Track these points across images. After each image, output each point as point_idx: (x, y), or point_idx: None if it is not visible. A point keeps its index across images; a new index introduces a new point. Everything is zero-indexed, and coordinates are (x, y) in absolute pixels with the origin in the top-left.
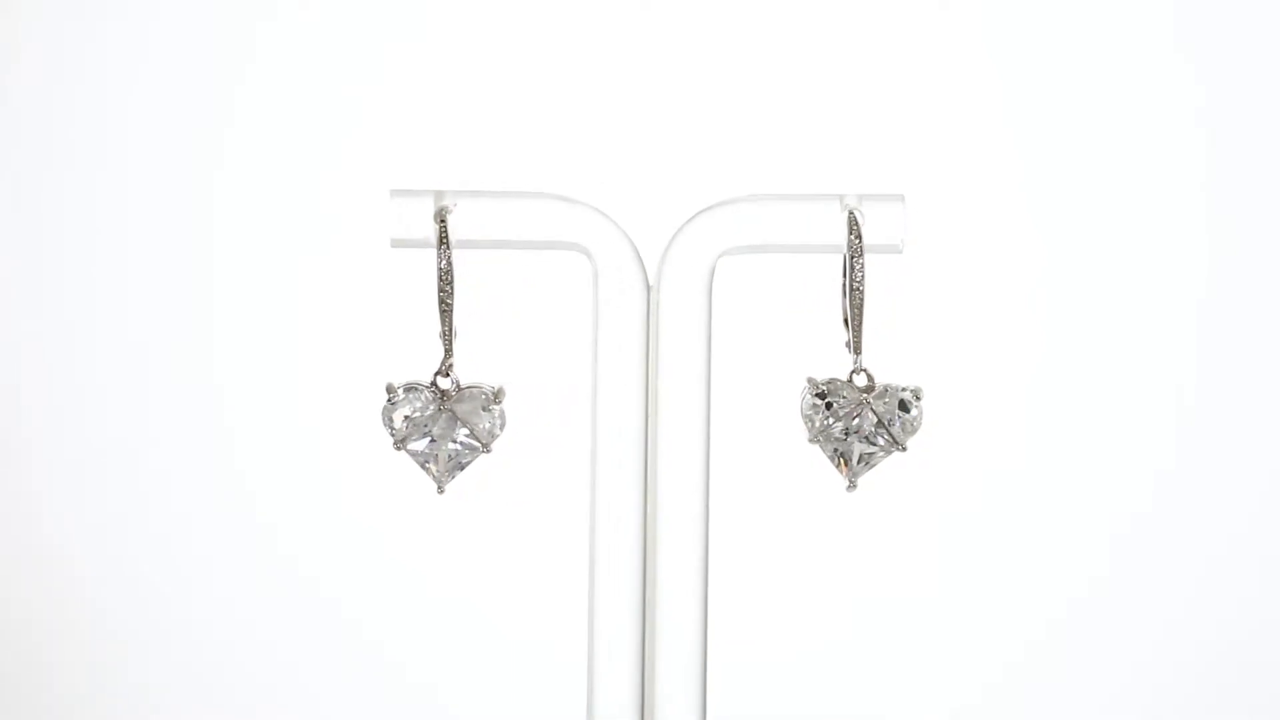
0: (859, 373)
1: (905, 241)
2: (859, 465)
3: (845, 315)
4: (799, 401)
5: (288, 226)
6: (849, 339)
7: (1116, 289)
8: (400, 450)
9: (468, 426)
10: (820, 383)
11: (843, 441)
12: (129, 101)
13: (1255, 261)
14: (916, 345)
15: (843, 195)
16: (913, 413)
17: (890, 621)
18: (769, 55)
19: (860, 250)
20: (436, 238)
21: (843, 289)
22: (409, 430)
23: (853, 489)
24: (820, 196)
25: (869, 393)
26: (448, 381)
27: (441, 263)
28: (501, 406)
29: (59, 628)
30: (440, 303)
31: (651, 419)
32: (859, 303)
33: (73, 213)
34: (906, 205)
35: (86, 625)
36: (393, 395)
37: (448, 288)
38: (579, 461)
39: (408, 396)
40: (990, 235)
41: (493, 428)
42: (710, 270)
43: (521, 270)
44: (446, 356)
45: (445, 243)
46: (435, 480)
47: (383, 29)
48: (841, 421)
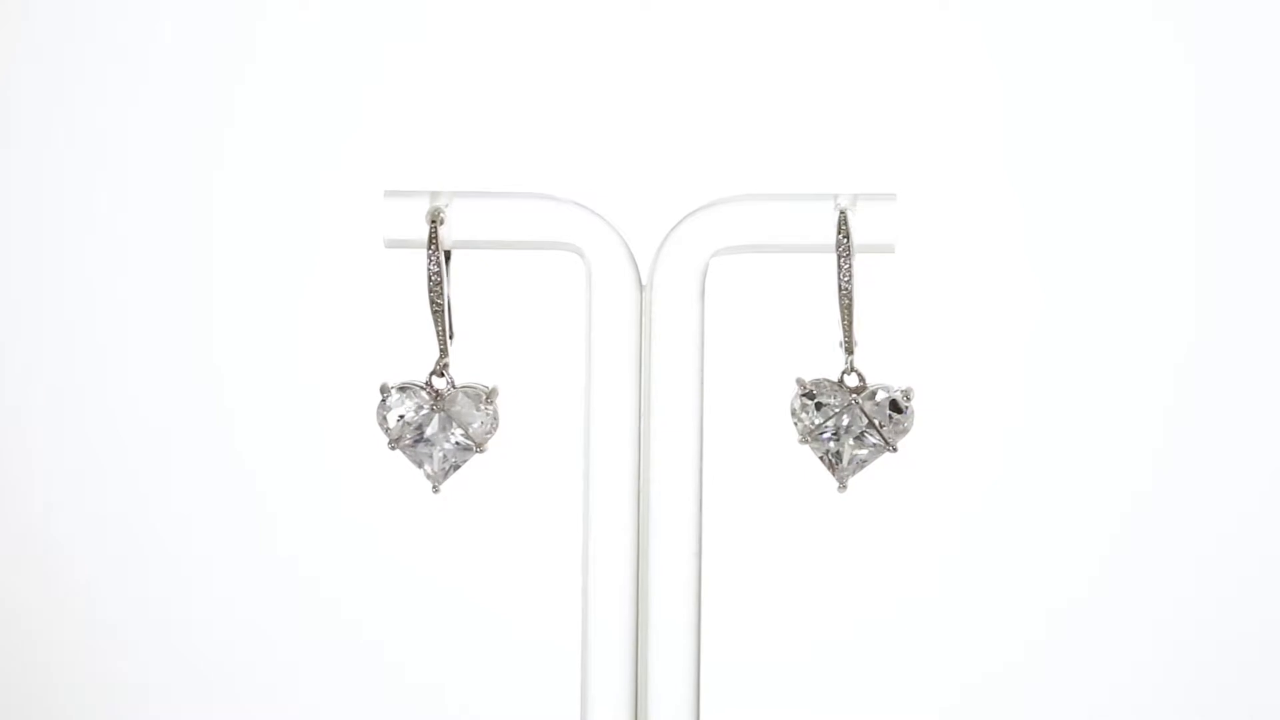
0: (850, 373)
1: (898, 241)
2: (849, 466)
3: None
4: (790, 401)
5: (286, 226)
6: (843, 339)
7: (1110, 288)
8: (395, 450)
9: (461, 427)
10: (808, 383)
11: (833, 442)
12: (128, 101)
13: (1248, 263)
14: (912, 345)
15: (835, 195)
16: (904, 413)
17: (883, 621)
18: (762, 56)
19: (849, 250)
20: (427, 239)
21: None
22: (403, 430)
23: (843, 490)
24: (813, 196)
25: (859, 393)
26: (443, 381)
27: (431, 265)
28: (494, 406)
29: (59, 627)
30: (431, 304)
31: (644, 417)
32: (847, 303)
33: (72, 213)
34: (899, 205)
35: (86, 625)
36: (386, 396)
37: (438, 288)
38: (576, 459)
39: (402, 397)
40: (986, 234)
41: (485, 428)
42: (703, 270)
43: (516, 270)
44: (442, 356)
45: (435, 244)
46: (430, 480)
47: (379, 30)
48: (831, 422)
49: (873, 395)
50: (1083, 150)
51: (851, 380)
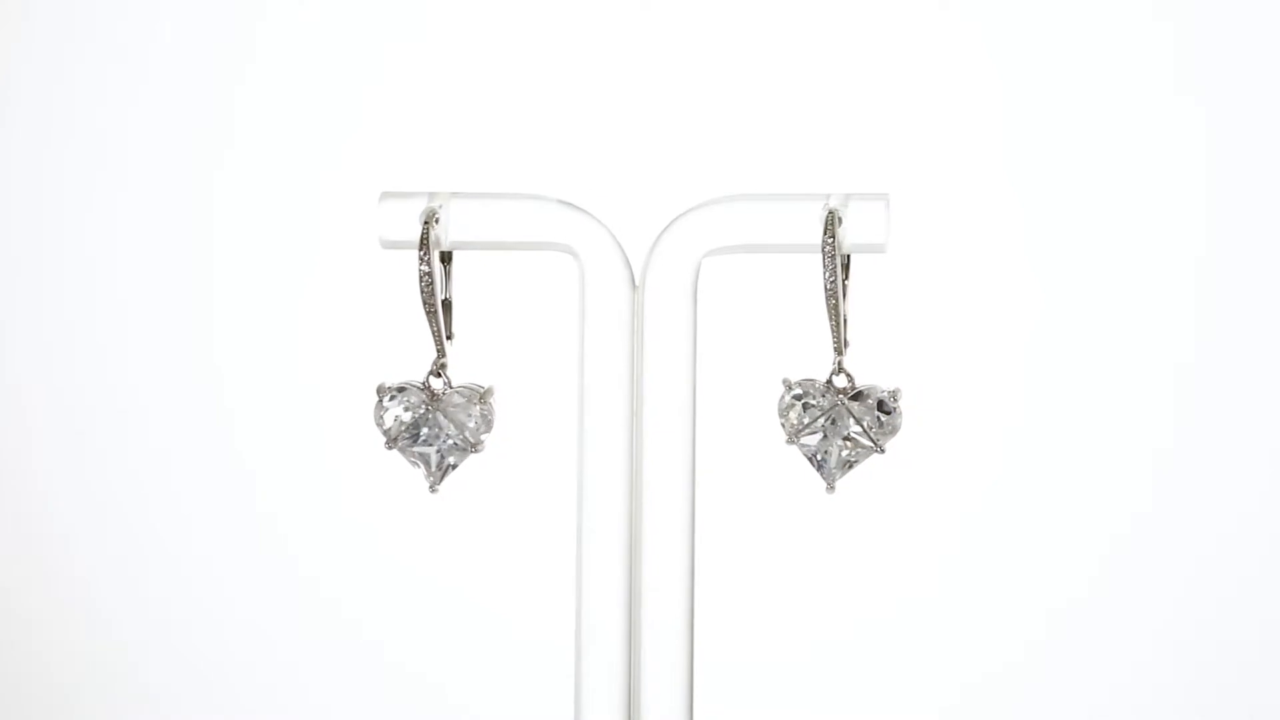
0: (839, 373)
1: (890, 241)
2: (836, 468)
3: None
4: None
5: (286, 226)
6: (832, 339)
7: (1106, 288)
8: (392, 450)
9: (457, 427)
10: (795, 383)
11: (820, 443)
12: (128, 101)
13: (1247, 263)
14: (905, 346)
15: (827, 195)
16: (892, 414)
17: (881, 621)
18: (756, 56)
19: (834, 250)
20: (419, 240)
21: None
22: (399, 430)
23: (831, 491)
24: (805, 196)
25: (847, 394)
26: (439, 381)
27: (422, 265)
28: (488, 406)
29: (59, 627)
30: (424, 304)
31: (636, 417)
32: (834, 304)
33: (71, 212)
34: (891, 205)
35: (86, 625)
36: (383, 396)
37: (429, 289)
38: (572, 458)
39: (399, 396)
40: (981, 234)
41: (480, 427)
42: (695, 270)
43: (510, 270)
44: (439, 356)
45: (426, 245)
46: (427, 480)
47: (379, 30)
48: (818, 423)
49: (860, 396)
50: (1079, 150)
51: (840, 381)
